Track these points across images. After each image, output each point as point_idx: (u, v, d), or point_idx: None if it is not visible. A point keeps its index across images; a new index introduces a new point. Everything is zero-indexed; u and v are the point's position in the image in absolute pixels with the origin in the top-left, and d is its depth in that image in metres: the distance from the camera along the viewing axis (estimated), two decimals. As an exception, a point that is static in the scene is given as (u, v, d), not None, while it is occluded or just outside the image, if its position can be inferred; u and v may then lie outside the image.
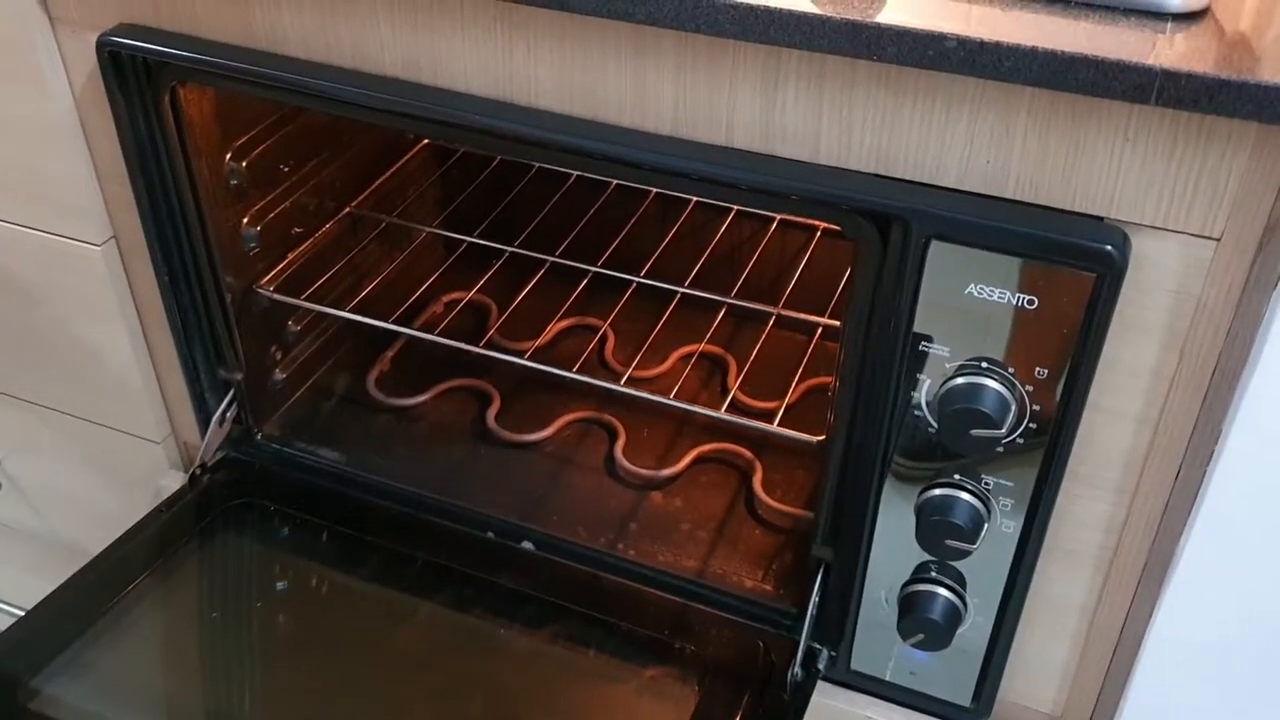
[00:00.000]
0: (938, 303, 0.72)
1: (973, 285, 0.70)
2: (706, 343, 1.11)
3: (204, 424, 1.05)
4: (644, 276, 1.10)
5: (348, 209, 1.12)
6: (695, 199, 1.16)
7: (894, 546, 0.83)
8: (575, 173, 1.18)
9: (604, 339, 1.17)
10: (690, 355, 1.08)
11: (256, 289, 1.02)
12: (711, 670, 0.89)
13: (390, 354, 1.17)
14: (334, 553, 0.99)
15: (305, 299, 1.05)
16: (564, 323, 1.17)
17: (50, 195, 0.96)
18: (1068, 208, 0.67)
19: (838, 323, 0.99)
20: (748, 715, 0.86)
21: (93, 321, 1.02)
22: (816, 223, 1.13)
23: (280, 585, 0.98)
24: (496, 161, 1.21)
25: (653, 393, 1.13)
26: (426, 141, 1.22)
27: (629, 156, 0.74)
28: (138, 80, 0.87)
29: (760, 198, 0.74)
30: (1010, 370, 0.72)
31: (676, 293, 1.09)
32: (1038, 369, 0.71)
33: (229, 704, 0.88)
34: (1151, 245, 0.67)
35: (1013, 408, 0.73)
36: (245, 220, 1.00)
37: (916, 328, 0.73)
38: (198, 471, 1.03)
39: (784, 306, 1.07)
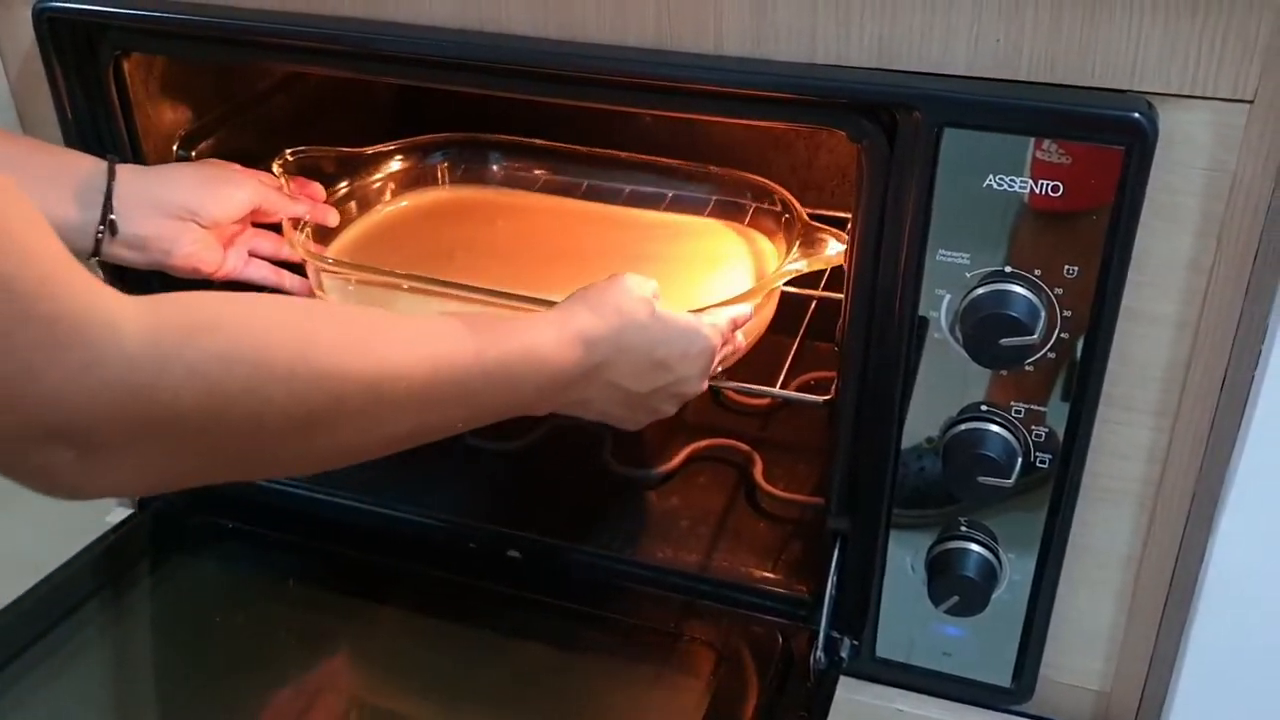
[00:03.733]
0: (954, 203, 0.66)
1: (991, 177, 0.65)
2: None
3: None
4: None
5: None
6: (670, 193, 1.11)
7: (919, 502, 0.77)
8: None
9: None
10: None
11: (209, 292, 0.94)
12: (726, 662, 0.80)
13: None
14: (302, 569, 0.90)
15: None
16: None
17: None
18: (1087, 84, 0.63)
19: (834, 295, 0.93)
20: (769, 706, 0.77)
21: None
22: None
23: (245, 606, 0.88)
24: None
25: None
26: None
27: (610, 70, 0.69)
28: (78, 53, 0.82)
29: (754, 106, 0.69)
30: (1037, 272, 0.67)
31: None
32: (1066, 267, 0.66)
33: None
34: (1179, 117, 0.62)
35: (1043, 313, 0.67)
36: (196, 218, 0.93)
37: (932, 236, 0.68)
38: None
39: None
